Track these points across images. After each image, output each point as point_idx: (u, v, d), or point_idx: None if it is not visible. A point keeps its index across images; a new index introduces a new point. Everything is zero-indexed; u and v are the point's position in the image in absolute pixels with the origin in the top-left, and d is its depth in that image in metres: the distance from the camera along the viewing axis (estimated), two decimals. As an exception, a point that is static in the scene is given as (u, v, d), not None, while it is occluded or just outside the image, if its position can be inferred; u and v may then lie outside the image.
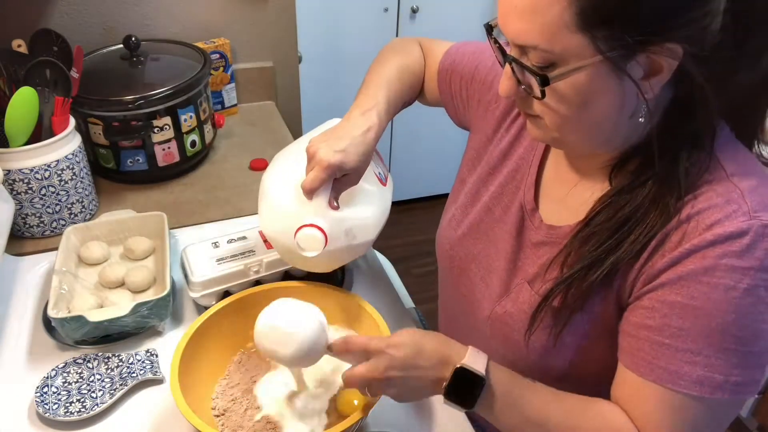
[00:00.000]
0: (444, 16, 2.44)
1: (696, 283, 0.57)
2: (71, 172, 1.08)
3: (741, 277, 0.56)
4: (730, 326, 0.56)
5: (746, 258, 0.56)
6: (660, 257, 0.60)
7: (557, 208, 0.72)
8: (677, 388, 0.58)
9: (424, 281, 2.44)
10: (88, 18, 1.37)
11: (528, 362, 0.71)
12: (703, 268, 0.57)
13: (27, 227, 1.08)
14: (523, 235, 0.74)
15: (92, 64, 1.25)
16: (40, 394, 0.79)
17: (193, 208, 1.21)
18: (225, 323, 0.81)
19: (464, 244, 0.82)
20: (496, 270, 0.76)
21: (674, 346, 0.58)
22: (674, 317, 0.58)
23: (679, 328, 0.58)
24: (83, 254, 1.02)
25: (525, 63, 0.58)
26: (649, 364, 0.60)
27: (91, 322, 0.84)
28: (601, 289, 0.64)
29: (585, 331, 0.67)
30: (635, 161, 0.64)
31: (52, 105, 1.06)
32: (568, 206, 0.70)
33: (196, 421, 0.66)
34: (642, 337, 0.61)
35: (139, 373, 0.83)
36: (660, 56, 0.54)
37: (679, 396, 0.59)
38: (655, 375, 0.60)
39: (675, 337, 0.58)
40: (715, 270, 0.56)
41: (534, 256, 0.72)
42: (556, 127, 0.62)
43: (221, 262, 0.92)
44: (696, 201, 0.59)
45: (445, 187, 2.93)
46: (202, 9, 1.45)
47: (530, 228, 0.73)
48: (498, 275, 0.76)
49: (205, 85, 1.29)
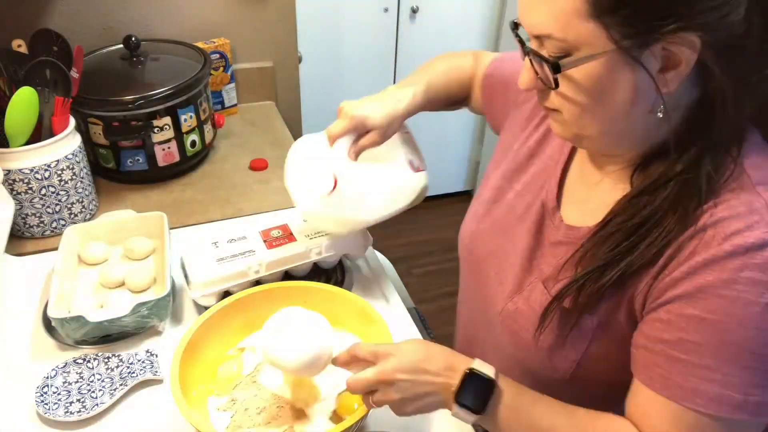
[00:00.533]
0: (444, 16, 2.44)
1: (715, 297, 0.55)
2: (71, 172, 1.08)
3: (763, 291, 0.53)
4: (750, 343, 0.54)
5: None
6: (676, 266, 0.57)
7: (578, 208, 0.71)
8: (693, 407, 0.56)
9: (425, 281, 2.44)
10: (88, 18, 1.37)
11: (535, 360, 0.71)
12: (722, 280, 0.54)
13: (27, 227, 1.08)
14: (542, 234, 0.73)
15: (92, 64, 1.25)
16: (40, 394, 0.79)
17: (193, 208, 1.21)
18: (225, 323, 0.81)
19: (483, 239, 0.82)
20: (511, 267, 0.75)
21: (691, 362, 0.56)
22: (691, 331, 0.56)
23: (697, 343, 0.56)
24: (83, 254, 1.02)
25: (541, 53, 0.58)
26: (665, 379, 0.58)
27: (91, 322, 0.84)
28: (614, 293, 0.63)
29: (594, 335, 0.66)
30: (657, 164, 0.62)
31: (52, 105, 1.06)
32: (589, 207, 0.69)
33: (196, 421, 0.66)
34: (657, 351, 0.59)
35: (139, 373, 0.83)
36: (677, 47, 0.52)
37: (695, 415, 0.56)
38: (670, 392, 0.58)
39: (692, 352, 0.56)
40: (735, 283, 0.53)
41: (550, 256, 0.71)
42: (573, 121, 0.61)
43: (221, 262, 0.92)
44: (716, 209, 0.56)
45: (446, 187, 2.93)
46: (202, 9, 1.45)
47: (550, 227, 0.72)
48: (513, 272, 0.75)
49: (205, 85, 1.29)
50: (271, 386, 0.77)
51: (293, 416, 0.74)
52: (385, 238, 1.25)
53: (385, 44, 2.48)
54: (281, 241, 0.97)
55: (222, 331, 0.81)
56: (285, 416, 0.74)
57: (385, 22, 2.42)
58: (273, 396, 0.76)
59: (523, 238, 0.75)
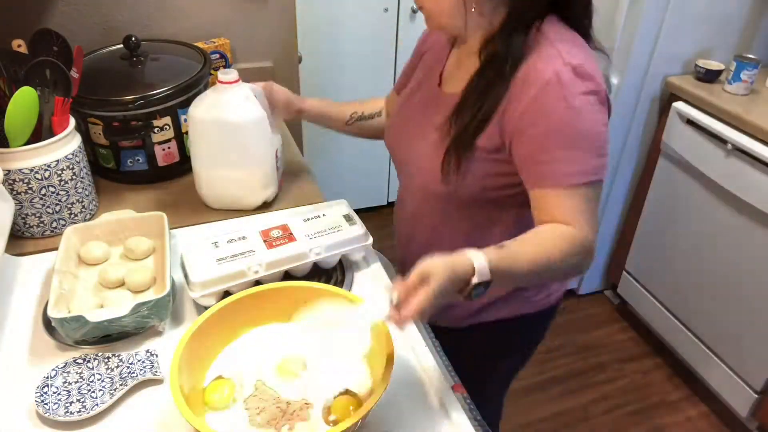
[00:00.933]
0: (444, 16, 2.44)
1: (542, 116, 0.82)
2: (71, 172, 1.08)
3: (572, 100, 0.81)
4: (578, 134, 0.82)
5: (571, 87, 0.81)
6: (514, 106, 0.84)
7: (454, 81, 0.96)
8: (569, 183, 0.82)
9: (424, 281, 2.44)
10: (88, 18, 1.37)
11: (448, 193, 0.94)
12: (546, 103, 0.82)
13: (27, 227, 1.08)
14: (433, 103, 0.99)
15: (92, 64, 1.25)
16: (40, 394, 0.79)
17: (193, 208, 1.21)
18: (225, 323, 0.81)
19: (394, 125, 1.09)
20: (416, 133, 0.99)
21: (549, 159, 0.83)
22: (538, 141, 0.83)
23: (546, 147, 0.83)
24: (83, 254, 1.02)
25: None
26: (543, 179, 0.84)
27: (91, 322, 0.84)
28: (482, 131, 0.88)
29: (484, 164, 0.90)
30: (492, 43, 0.87)
31: (52, 105, 1.06)
32: (461, 78, 0.93)
33: (196, 422, 0.66)
34: (529, 165, 0.85)
35: (139, 373, 0.83)
36: None
37: (573, 189, 0.83)
38: (551, 182, 0.83)
39: (546, 153, 0.83)
40: (554, 103, 0.81)
41: (440, 116, 0.94)
42: (433, 15, 0.91)
43: (221, 262, 0.93)
44: (527, 63, 0.84)
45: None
46: (202, 9, 1.45)
47: (437, 97, 0.98)
48: (421, 137, 0.98)
49: (205, 85, 1.29)
50: (271, 386, 0.77)
51: (293, 416, 0.74)
52: (385, 238, 1.26)
53: (385, 44, 2.48)
54: (281, 241, 0.97)
55: (222, 331, 0.81)
56: (285, 416, 0.74)
57: (385, 22, 2.42)
58: (273, 396, 0.76)
59: (420, 111, 1.01)
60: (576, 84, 0.81)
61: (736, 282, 1.85)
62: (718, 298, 1.92)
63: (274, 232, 0.99)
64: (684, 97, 1.92)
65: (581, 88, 0.81)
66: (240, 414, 0.74)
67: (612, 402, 2.08)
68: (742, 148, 1.71)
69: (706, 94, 1.85)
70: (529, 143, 0.84)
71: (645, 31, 1.86)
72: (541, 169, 0.84)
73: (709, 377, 2.03)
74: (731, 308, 1.88)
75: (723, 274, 1.89)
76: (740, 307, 1.85)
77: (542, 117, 0.82)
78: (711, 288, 1.94)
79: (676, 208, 2.03)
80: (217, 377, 0.78)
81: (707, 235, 1.93)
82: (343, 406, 0.74)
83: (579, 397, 2.08)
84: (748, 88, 1.82)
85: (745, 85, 1.82)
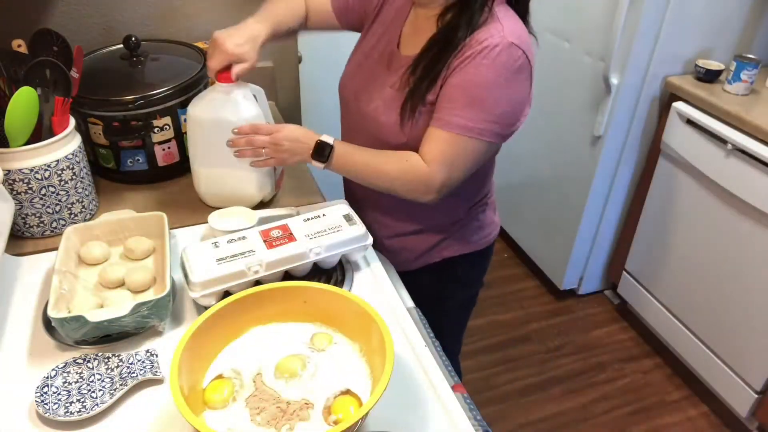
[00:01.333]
0: (444, 16, 2.44)
1: (465, 73, 0.96)
2: (71, 172, 1.08)
3: (492, 67, 0.95)
4: (483, 96, 0.97)
5: (496, 58, 0.94)
6: (454, 66, 0.97)
7: (411, 43, 1.07)
8: (449, 129, 0.98)
9: (424, 281, 2.44)
10: (88, 18, 1.37)
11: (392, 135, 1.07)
12: (473, 64, 0.95)
13: (27, 227, 1.08)
14: (391, 63, 1.09)
15: (92, 64, 1.25)
16: (40, 394, 0.79)
17: (193, 208, 1.21)
18: (225, 323, 0.81)
19: (353, 78, 1.19)
20: (374, 89, 1.10)
21: (450, 107, 0.98)
22: (452, 91, 0.98)
23: (453, 97, 0.98)
24: (83, 254, 1.02)
25: None
26: (437, 120, 1.00)
27: (91, 322, 0.84)
28: (430, 90, 1.01)
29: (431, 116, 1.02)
30: (448, 14, 0.99)
31: (52, 105, 1.06)
32: (418, 42, 1.03)
33: (196, 421, 0.66)
34: (438, 107, 1.00)
35: (139, 373, 0.83)
36: None
37: (452, 136, 0.98)
38: (437, 124, 0.99)
39: (451, 101, 0.98)
40: (479, 65, 0.95)
41: (396, 75, 1.06)
42: None
43: (221, 262, 0.93)
44: (475, 34, 0.96)
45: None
46: (202, 9, 1.45)
47: (395, 58, 1.09)
48: (378, 95, 1.09)
49: (205, 85, 1.29)
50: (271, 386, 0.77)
51: (293, 416, 0.74)
52: (386, 238, 1.25)
53: (385, 44, 2.48)
54: (281, 241, 0.97)
55: (222, 331, 0.81)
56: (285, 416, 0.74)
57: (385, 22, 2.42)
58: (273, 396, 0.76)
59: (379, 70, 1.11)
60: (505, 56, 0.94)
61: (736, 282, 1.85)
62: (719, 298, 1.92)
63: (274, 232, 0.99)
64: (684, 97, 1.92)
65: (509, 62, 0.95)
66: (240, 414, 0.74)
67: (612, 402, 2.08)
68: (742, 148, 1.71)
69: (706, 94, 1.85)
70: (446, 90, 0.99)
71: (645, 31, 1.87)
72: (440, 113, 0.99)
73: (709, 377, 2.03)
74: (731, 308, 1.88)
75: (723, 274, 1.89)
76: (740, 307, 1.85)
77: (464, 73, 0.96)
78: (711, 288, 1.94)
79: (676, 208, 2.03)
80: (217, 377, 0.78)
81: (707, 235, 1.93)
82: (343, 406, 0.74)
83: (579, 397, 2.09)
84: (748, 88, 1.83)
85: (745, 85, 1.82)
